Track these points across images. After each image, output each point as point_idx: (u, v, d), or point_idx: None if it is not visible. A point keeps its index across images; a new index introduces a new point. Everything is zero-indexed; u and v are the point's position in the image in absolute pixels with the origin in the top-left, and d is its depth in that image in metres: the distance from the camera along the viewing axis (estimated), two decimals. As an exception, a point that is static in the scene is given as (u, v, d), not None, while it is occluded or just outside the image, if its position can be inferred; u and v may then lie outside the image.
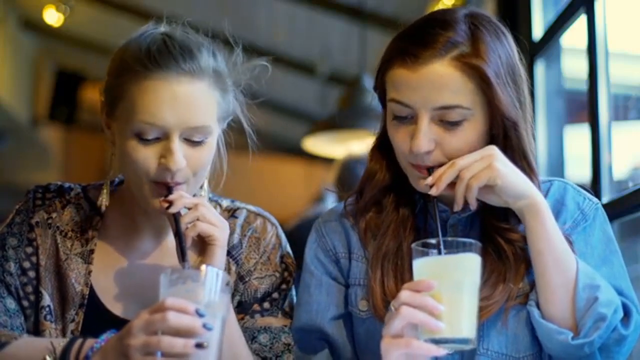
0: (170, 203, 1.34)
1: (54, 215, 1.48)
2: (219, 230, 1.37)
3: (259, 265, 1.51)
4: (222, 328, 1.19)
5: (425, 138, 1.30)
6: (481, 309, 1.28)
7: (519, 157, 1.35)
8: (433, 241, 1.21)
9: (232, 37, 1.49)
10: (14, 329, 1.40)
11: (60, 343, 1.29)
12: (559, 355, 1.30)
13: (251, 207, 1.57)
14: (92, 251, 1.46)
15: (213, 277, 1.19)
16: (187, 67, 1.35)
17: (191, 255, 1.36)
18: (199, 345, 1.14)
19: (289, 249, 1.57)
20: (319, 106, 6.31)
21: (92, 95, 7.79)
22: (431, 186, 1.30)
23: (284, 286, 1.52)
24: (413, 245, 1.22)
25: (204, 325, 1.15)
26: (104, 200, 1.47)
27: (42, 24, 5.75)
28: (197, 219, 1.35)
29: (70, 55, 7.36)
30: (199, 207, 1.36)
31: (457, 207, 1.30)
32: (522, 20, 3.08)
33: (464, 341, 1.17)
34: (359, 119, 4.01)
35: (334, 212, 1.52)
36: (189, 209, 1.36)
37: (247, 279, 1.50)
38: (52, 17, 5.32)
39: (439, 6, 3.70)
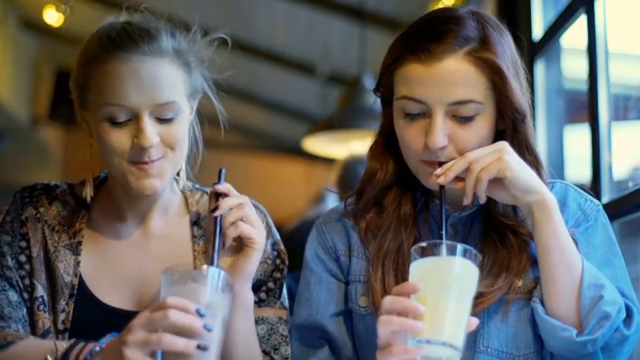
0: (216, 207, 1.34)
1: (41, 210, 1.50)
2: (259, 233, 1.37)
3: None
4: (222, 329, 1.19)
5: (441, 133, 1.31)
6: (482, 295, 1.29)
7: (527, 150, 1.37)
8: (424, 244, 1.19)
9: (184, 20, 1.52)
10: (17, 321, 1.42)
11: (63, 344, 1.30)
12: (561, 353, 1.30)
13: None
14: (80, 243, 1.48)
15: (214, 278, 1.19)
16: (147, 48, 1.39)
17: (223, 256, 1.35)
18: (200, 347, 1.14)
19: (279, 237, 1.57)
20: (319, 106, 6.31)
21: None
22: (439, 176, 1.30)
23: (277, 274, 1.53)
24: (412, 249, 1.21)
25: (204, 326, 1.15)
26: (88, 192, 1.49)
27: (42, 24, 5.75)
28: (241, 219, 1.35)
29: (70, 55, 7.30)
30: (244, 207, 1.36)
31: (467, 200, 1.30)
32: (522, 20, 3.08)
33: (445, 344, 1.13)
34: (359, 119, 4.00)
35: (334, 212, 1.53)
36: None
37: None
38: (52, 17, 5.32)
39: (439, 6, 3.70)
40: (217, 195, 1.35)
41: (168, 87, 1.39)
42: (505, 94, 1.33)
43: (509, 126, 1.36)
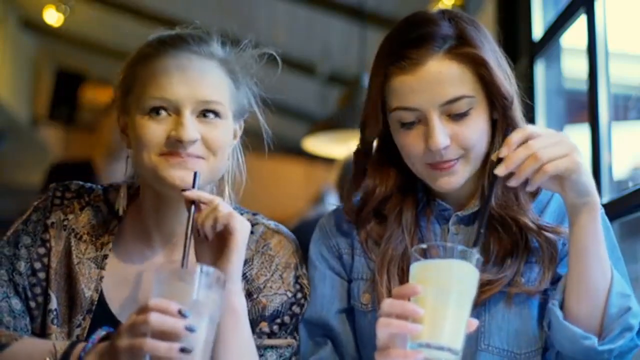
0: (191, 203, 1.31)
1: (70, 217, 1.47)
2: (237, 220, 1.31)
3: (269, 282, 1.46)
4: (210, 328, 1.17)
5: (442, 134, 1.32)
6: (490, 283, 1.30)
7: None
8: (425, 246, 1.19)
9: (236, 36, 1.51)
10: (17, 330, 1.38)
11: (62, 346, 1.28)
12: (575, 357, 1.30)
13: (270, 224, 1.53)
14: (105, 256, 1.44)
15: (200, 275, 1.17)
16: (196, 48, 1.39)
17: (204, 258, 1.33)
18: (183, 350, 1.12)
19: (305, 270, 1.51)
20: (319, 106, 6.31)
21: (92, 95, 7.79)
22: (498, 161, 1.24)
23: (296, 309, 1.46)
24: (412, 249, 1.21)
25: (187, 327, 1.12)
26: (121, 203, 1.46)
27: (42, 24, 5.75)
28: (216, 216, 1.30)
29: (70, 55, 7.36)
30: (215, 201, 1.32)
31: (516, 182, 1.24)
32: (522, 20, 3.08)
33: (444, 349, 1.12)
34: (359, 119, 4.00)
35: (338, 211, 1.54)
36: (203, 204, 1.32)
37: (255, 296, 1.44)
38: (52, 17, 5.32)
39: (439, 7, 3.70)
40: (191, 203, 1.31)
41: (213, 87, 1.38)
42: (492, 82, 1.34)
43: (500, 113, 1.37)
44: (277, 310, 1.44)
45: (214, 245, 1.33)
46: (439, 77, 1.32)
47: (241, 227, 1.32)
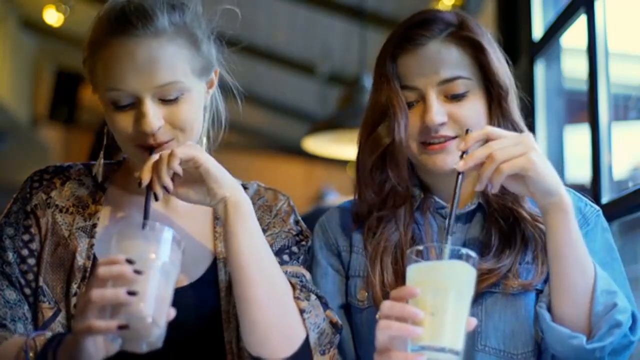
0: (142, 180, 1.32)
1: (52, 194, 1.47)
2: (198, 150, 1.32)
3: (271, 224, 1.49)
4: (162, 281, 1.16)
5: (438, 111, 1.37)
6: (489, 272, 1.32)
7: (513, 127, 1.40)
8: (421, 247, 1.17)
9: None
10: (15, 320, 1.38)
11: (41, 340, 1.27)
12: (567, 358, 1.30)
13: (261, 183, 1.58)
14: (94, 225, 1.45)
15: (152, 233, 1.18)
16: (142, 30, 1.34)
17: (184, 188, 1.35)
18: (132, 293, 1.11)
19: (300, 217, 1.54)
20: (319, 106, 6.32)
21: (92, 95, 7.78)
22: (462, 155, 1.26)
23: (302, 242, 1.50)
24: (408, 251, 1.20)
25: (135, 270, 1.12)
26: (99, 172, 1.47)
27: (42, 24, 5.76)
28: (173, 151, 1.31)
29: (70, 55, 7.36)
30: (174, 152, 1.31)
31: (480, 187, 1.25)
32: (522, 20, 3.08)
33: (445, 350, 1.12)
34: (358, 119, 4.00)
35: (337, 209, 1.56)
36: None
37: None
38: (52, 17, 5.32)
39: (438, 7, 3.70)
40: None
41: (167, 68, 1.35)
42: (489, 69, 1.39)
43: (496, 102, 1.41)
44: (284, 244, 1.47)
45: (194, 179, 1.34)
46: (438, 57, 1.38)
47: (203, 155, 1.32)
